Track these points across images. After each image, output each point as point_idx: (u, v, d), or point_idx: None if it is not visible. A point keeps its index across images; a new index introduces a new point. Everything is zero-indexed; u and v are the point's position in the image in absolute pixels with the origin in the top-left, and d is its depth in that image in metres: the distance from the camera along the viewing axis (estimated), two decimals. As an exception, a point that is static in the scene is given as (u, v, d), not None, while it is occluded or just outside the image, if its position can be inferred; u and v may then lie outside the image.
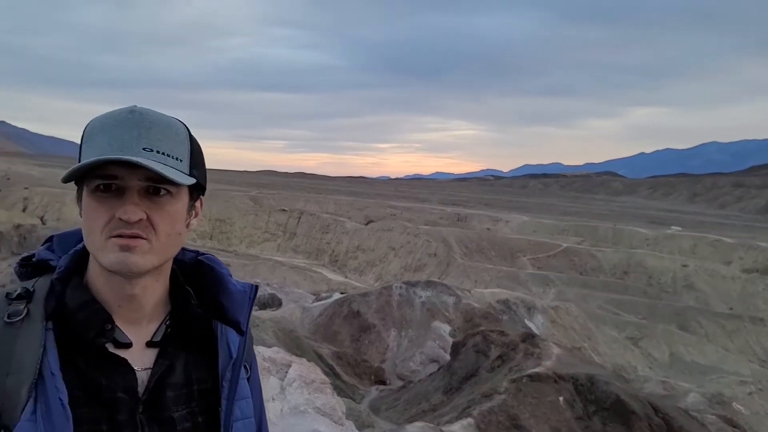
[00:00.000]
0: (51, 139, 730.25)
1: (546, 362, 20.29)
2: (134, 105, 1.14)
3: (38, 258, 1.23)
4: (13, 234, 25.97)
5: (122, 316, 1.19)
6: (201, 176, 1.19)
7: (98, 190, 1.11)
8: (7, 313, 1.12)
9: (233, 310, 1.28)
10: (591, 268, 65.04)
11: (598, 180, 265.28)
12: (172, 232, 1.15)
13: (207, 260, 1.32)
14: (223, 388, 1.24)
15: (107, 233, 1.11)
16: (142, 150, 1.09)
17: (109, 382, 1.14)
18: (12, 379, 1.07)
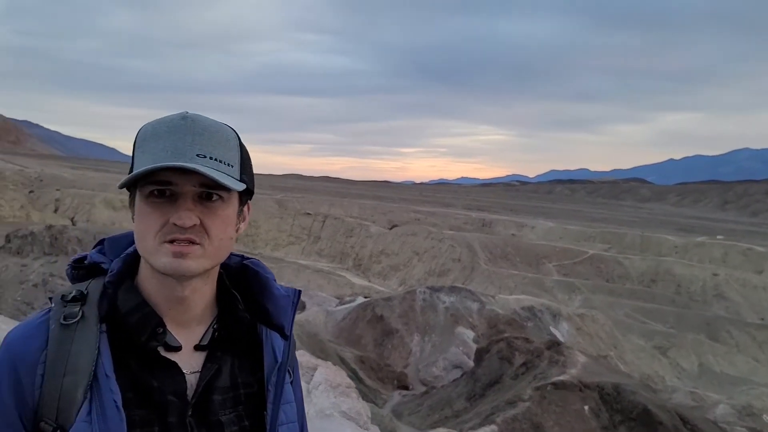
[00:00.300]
0: (82, 141, 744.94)
1: (571, 370, 20.06)
2: (185, 111, 1.16)
3: (90, 261, 1.26)
4: (45, 234, 26.48)
5: (172, 318, 1.21)
6: (250, 181, 1.21)
7: (152, 196, 1.13)
8: (63, 315, 1.15)
9: (278, 314, 1.30)
10: (618, 275, 64.17)
11: (626, 186, 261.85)
12: (223, 236, 1.17)
13: (252, 264, 1.33)
14: (268, 392, 1.26)
15: (161, 238, 1.13)
16: (195, 156, 1.11)
17: (160, 385, 1.16)
18: (68, 380, 1.10)
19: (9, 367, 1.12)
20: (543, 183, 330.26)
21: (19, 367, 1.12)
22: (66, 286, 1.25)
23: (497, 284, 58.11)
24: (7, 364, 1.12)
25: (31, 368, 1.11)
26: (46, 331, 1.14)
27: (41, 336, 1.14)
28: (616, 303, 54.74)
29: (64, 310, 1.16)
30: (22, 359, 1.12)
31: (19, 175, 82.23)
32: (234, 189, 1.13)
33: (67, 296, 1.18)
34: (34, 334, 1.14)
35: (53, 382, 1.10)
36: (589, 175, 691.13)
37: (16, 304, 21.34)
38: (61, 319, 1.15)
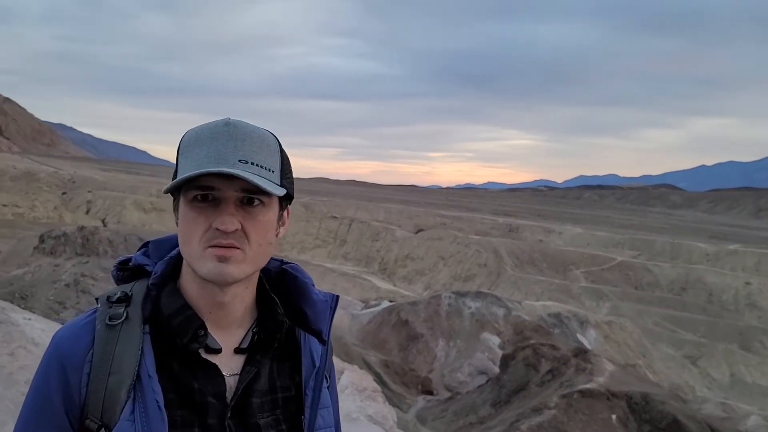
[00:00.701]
0: (114, 144, 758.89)
1: (598, 378, 19.80)
2: (228, 117, 1.18)
3: (135, 263, 1.28)
4: (77, 235, 27.01)
5: (213, 321, 1.22)
6: (290, 186, 1.22)
7: (196, 201, 1.15)
8: (108, 316, 1.18)
9: (316, 319, 1.31)
10: (647, 282, 63.16)
11: (656, 192, 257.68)
12: (263, 241, 1.19)
13: (291, 269, 1.34)
14: (306, 397, 1.27)
15: (205, 243, 1.15)
16: (237, 162, 1.12)
17: (200, 387, 1.18)
18: (113, 379, 1.13)
19: (57, 365, 1.15)
20: (571, 188, 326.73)
21: (66, 366, 1.15)
22: (97, 287, 1.27)
23: (523, 290, 57.63)
24: (55, 363, 1.16)
25: (78, 367, 1.14)
26: (92, 331, 1.17)
27: (87, 336, 1.17)
28: (645, 311, 53.88)
29: (110, 310, 1.19)
30: (70, 358, 1.15)
31: (53, 176, 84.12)
32: (274, 194, 1.15)
33: (112, 297, 1.21)
34: (81, 334, 1.17)
35: (99, 381, 1.13)
36: (618, 180, 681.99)
37: (49, 303, 21.78)
38: (106, 319, 1.18)
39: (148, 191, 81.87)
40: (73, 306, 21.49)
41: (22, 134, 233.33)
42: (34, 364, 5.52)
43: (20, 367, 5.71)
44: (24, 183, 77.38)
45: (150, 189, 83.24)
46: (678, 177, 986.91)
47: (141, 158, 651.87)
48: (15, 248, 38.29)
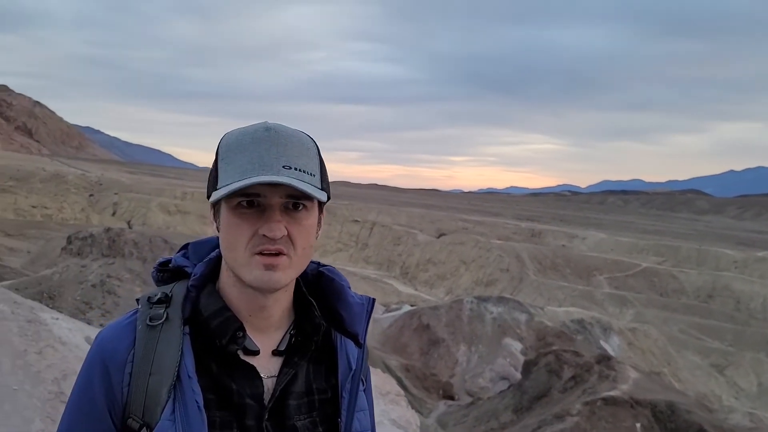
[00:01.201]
0: (140, 147, 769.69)
1: (622, 386, 19.55)
2: (266, 121, 1.18)
3: (175, 264, 1.29)
4: (103, 237, 27.41)
5: (251, 324, 1.23)
6: (328, 189, 1.23)
7: (240, 207, 1.15)
8: (149, 316, 1.19)
9: (352, 321, 1.31)
10: (672, 289, 62.24)
11: (682, 198, 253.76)
12: (307, 245, 1.20)
13: (328, 272, 1.34)
14: (343, 399, 1.27)
15: (251, 249, 1.15)
16: (282, 168, 1.13)
17: (238, 388, 1.18)
18: (154, 379, 1.14)
19: (100, 365, 1.17)
20: (595, 193, 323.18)
21: (109, 366, 1.17)
22: (123, 288, 1.29)
23: (546, 296, 57.16)
24: (98, 363, 1.18)
25: (121, 367, 1.16)
26: (134, 331, 1.19)
27: (129, 336, 1.18)
28: (671, 318, 53.09)
29: (150, 311, 1.20)
30: (112, 358, 1.17)
31: (81, 179, 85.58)
32: (320, 198, 1.16)
33: (152, 298, 1.22)
34: (123, 334, 1.19)
35: (140, 381, 1.14)
36: (644, 185, 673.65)
37: (76, 303, 22.12)
38: (147, 320, 1.19)
39: (173, 194, 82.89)
40: (99, 306, 21.81)
41: (52, 137, 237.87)
42: (61, 363, 5.64)
43: (48, 366, 5.81)
44: (53, 185, 78.87)
45: (175, 192, 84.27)
46: (705, 182, 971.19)
47: (166, 161, 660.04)
48: (44, 249, 39.05)
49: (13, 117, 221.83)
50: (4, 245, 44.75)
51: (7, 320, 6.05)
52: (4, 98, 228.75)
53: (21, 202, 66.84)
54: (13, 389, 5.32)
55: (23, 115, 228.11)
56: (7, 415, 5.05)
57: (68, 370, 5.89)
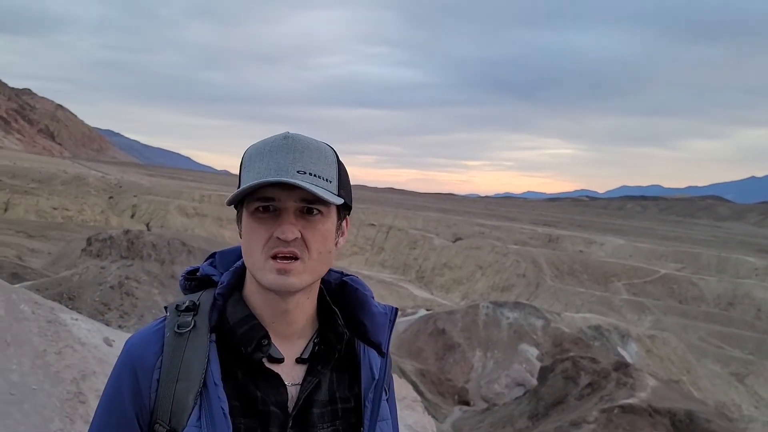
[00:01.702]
0: (159, 150, 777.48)
1: (640, 394, 19.33)
2: (287, 131, 1.22)
3: (202, 273, 1.33)
4: (122, 239, 27.65)
5: (275, 331, 1.26)
6: (347, 197, 1.26)
7: (257, 212, 1.19)
8: (177, 324, 1.23)
9: (375, 331, 1.33)
10: (692, 296, 61.46)
11: (702, 204, 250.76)
12: (323, 249, 1.22)
13: (351, 281, 1.37)
14: (365, 409, 1.29)
15: (266, 252, 1.18)
16: (296, 173, 1.16)
17: (263, 395, 1.21)
18: (181, 386, 1.17)
19: (129, 371, 1.21)
20: (613, 199, 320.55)
21: (137, 372, 1.20)
22: (140, 289, 1.32)
23: (563, 301, 56.74)
24: (127, 369, 1.21)
25: (149, 373, 1.19)
26: (162, 338, 1.22)
27: (157, 343, 1.22)
28: (690, 326, 52.43)
29: (178, 319, 1.24)
30: (141, 364, 1.20)
31: (101, 181, 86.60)
32: (332, 202, 1.19)
33: (180, 306, 1.26)
34: (152, 341, 1.23)
35: (167, 387, 1.18)
36: (663, 191, 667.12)
37: (95, 304, 22.37)
38: (175, 327, 1.22)
39: (191, 196, 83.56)
40: (117, 307, 22.04)
41: (73, 140, 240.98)
42: (80, 363, 5.69)
43: (66, 366, 5.88)
44: (74, 187, 79.89)
45: (193, 194, 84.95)
46: (726, 188, 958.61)
47: (185, 164, 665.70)
48: (64, 250, 39.56)
49: (36, 120, 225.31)
50: (26, 246, 45.41)
51: (27, 320, 6.13)
52: (27, 101, 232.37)
53: (43, 203, 67.79)
54: (33, 389, 5.39)
55: (46, 118, 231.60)
56: (27, 414, 5.11)
57: (87, 370, 5.95)
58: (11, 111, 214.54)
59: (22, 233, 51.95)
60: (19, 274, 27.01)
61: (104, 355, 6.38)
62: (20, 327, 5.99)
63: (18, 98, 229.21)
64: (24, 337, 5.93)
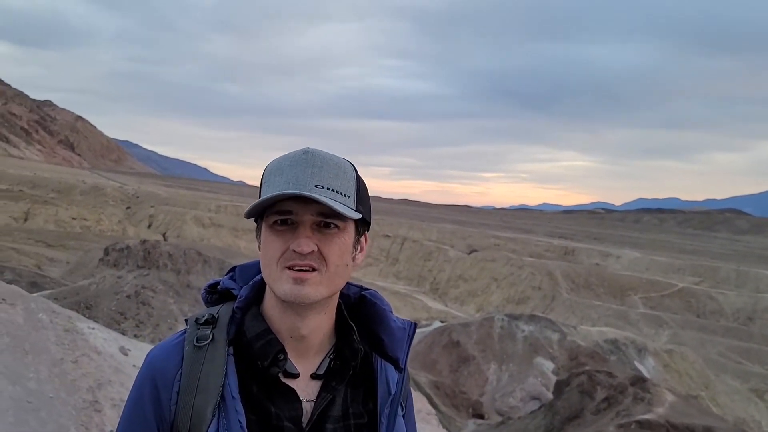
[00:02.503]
0: (176, 161, 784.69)
1: (658, 409, 19.06)
2: (307, 147, 1.25)
3: (222, 287, 1.35)
4: (139, 249, 27.89)
5: (292, 347, 1.27)
6: (366, 212, 1.28)
7: (275, 225, 1.22)
8: (196, 337, 1.25)
9: (393, 346, 1.34)
10: (710, 311, 60.63)
11: (720, 217, 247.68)
12: (340, 263, 1.23)
13: (370, 295, 1.38)
14: (381, 424, 1.29)
15: (282, 264, 1.21)
16: (314, 187, 1.19)
17: (277, 410, 1.22)
18: (200, 398, 1.19)
19: (150, 383, 1.24)
20: (630, 211, 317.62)
21: (158, 384, 1.23)
22: (156, 299, 1.34)
23: (579, 315, 56.22)
24: (149, 381, 1.24)
25: (169, 385, 1.22)
26: (182, 351, 1.25)
27: (177, 356, 1.24)
28: (708, 340, 51.68)
29: (197, 332, 1.26)
30: (162, 377, 1.23)
31: (119, 191, 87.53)
32: (348, 216, 1.21)
33: (200, 319, 1.28)
34: (172, 353, 1.25)
35: (187, 400, 1.20)
36: (680, 204, 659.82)
37: (111, 313, 22.54)
38: (194, 340, 1.25)
39: (207, 207, 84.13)
40: (133, 317, 22.19)
41: (92, 150, 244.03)
42: (96, 372, 5.74)
43: (83, 375, 5.93)
44: (92, 197, 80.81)
45: (209, 205, 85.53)
46: (745, 201, 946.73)
47: (201, 175, 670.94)
48: (82, 260, 39.96)
49: (56, 131, 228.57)
50: (45, 255, 45.96)
51: (45, 329, 6.20)
52: (48, 113, 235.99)
53: (62, 213, 68.62)
54: (50, 397, 5.44)
55: (66, 129, 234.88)
56: (43, 422, 5.15)
57: (103, 379, 5.99)
58: (33, 122, 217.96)
59: (42, 243, 52.61)
60: (38, 283, 27.32)
61: (120, 364, 6.42)
62: (38, 336, 6.06)
63: (39, 110, 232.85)
64: (42, 346, 5.99)
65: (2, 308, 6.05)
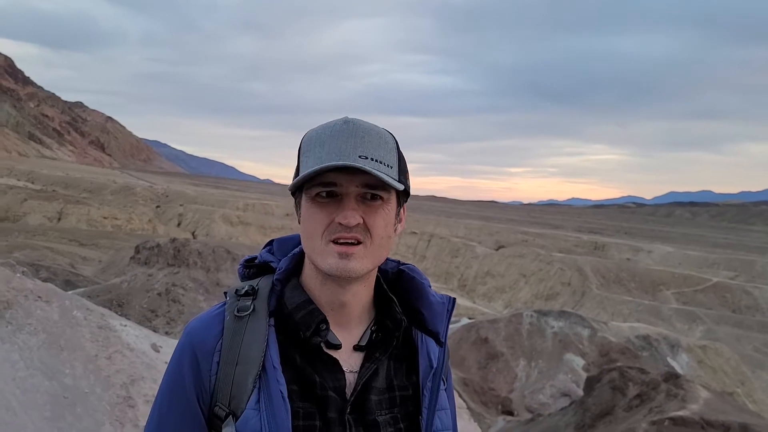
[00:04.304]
0: (204, 160, 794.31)
1: (692, 406, 18.70)
2: (347, 116, 1.22)
3: (261, 260, 1.34)
4: (169, 247, 28.27)
5: (332, 318, 1.26)
6: (407, 183, 1.25)
7: (319, 197, 1.19)
8: (236, 308, 1.23)
9: (433, 320, 1.32)
10: (746, 306, 59.32)
11: (756, 210, 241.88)
12: (384, 234, 1.22)
13: (408, 270, 1.36)
14: (424, 397, 1.28)
15: (327, 237, 1.18)
16: (358, 157, 1.16)
17: (321, 380, 1.21)
18: (240, 369, 1.18)
19: (190, 353, 1.22)
20: (661, 205, 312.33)
21: (198, 354, 1.21)
22: (186, 296, 1.33)
23: (610, 310, 55.49)
24: (188, 351, 1.22)
25: (209, 356, 1.20)
26: (222, 321, 1.23)
27: (218, 326, 1.23)
28: (744, 336, 50.60)
29: (238, 303, 1.24)
30: (201, 347, 1.21)
31: (149, 191, 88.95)
32: (395, 187, 1.18)
33: (240, 291, 1.27)
34: (212, 324, 1.23)
35: (227, 370, 1.18)
36: (714, 197, 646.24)
37: (142, 311, 22.93)
38: (235, 311, 1.23)
39: (235, 205, 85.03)
40: (164, 314, 22.55)
41: (122, 151, 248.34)
42: (129, 368, 5.82)
43: (117, 371, 6.02)
44: (122, 197, 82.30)
45: (237, 203, 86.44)
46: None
47: (229, 173, 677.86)
48: (113, 258, 40.70)
49: (87, 132, 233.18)
50: (78, 254, 46.94)
51: (80, 326, 6.31)
52: (79, 114, 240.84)
53: (93, 213, 69.98)
54: (85, 392, 5.54)
55: (96, 130, 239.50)
56: (79, 417, 5.25)
57: (136, 375, 6.09)
58: (64, 124, 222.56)
59: (75, 242, 53.75)
60: (72, 282, 27.92)
61: (152, 361, 6.51)
62: (73, 332, 6.17)
63: (71, 111, 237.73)
64: (77, 342, 6.10)
65: (38, 306, 6.18)
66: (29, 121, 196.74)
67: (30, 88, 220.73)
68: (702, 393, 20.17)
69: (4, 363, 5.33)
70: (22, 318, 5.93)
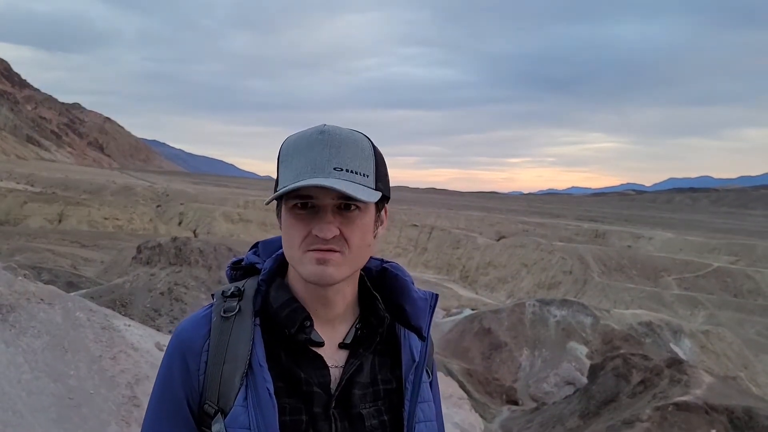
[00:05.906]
0: (203, 158, 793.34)
1: (695, 391, 18.77)
2: (324, 124, 1.24)
3: (247, 261, 1.38)
4: (170, 246, 28.24)
5: (317, 316, 1.29)
6: (385, 188, 1.28)
7: (296, 208, 1.22)
8: (223, 309, 1.28)
9: (416, 316, 1.35)
10: (747, 290, 59.35)
11: (756, 194, 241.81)
12: (362, 244, 1.24)
13: (392, 268, 1.40)
14: (406, 390, 1.32)
15: (305, 247, 1.22)
16: (333, 170, 1.18)
17: (306, 377, 1.25)
18: (227, 367, 1.22)
19: (179, 354, 1.26)
20: (661, 192, 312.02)
21: (187, 355, 1.25)
22: (189, 295, 1.36)
23: (612, 298, 55.57)
24: (178, 352, 1.27)
25: (197, 356, 1.25)
26: (209, 322, 1.27)
27: (205, 327, 1.27)
28: (746, 320, 50.68)
29: (224, 304, 1.29)
30: (190, 348, 1.26)
31: (149, 190, 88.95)
32: (369, 201, 1.20)
33: (226, 292, 1.31)
34: (200, 325, 1.28)
35: (215, 369, 1.23)
36: (713, 182, 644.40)
37: (145, 310, 22.94)
38: (221, 312, 1.27)
39: (235, 203, 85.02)
40: (167, 313, 22.57)
41: (121, 151, 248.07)
42: (134, 368, 5.85)
43: (121, 371, 6.05)
44: (123, 197, 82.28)
45: (237, 201, 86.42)
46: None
47: (229, 171, 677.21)
48: (116, 258, 40.74)
49: (85, 133, 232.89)
50: (80, 256, 46.96)
51: (83, 327, 6.34)
52: (77, 116, 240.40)
53: (94, 214, 69.97)
54: (90, 393, 5.57)
55: (95, 131, 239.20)
56: (85, 418, 5.28)
57: (140, 375, 6.11)
58: (62, 125, 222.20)
59: (76, 243, 53.76)
60: (74, 283, 27.93)
61: (156, 360, 6.54)
62: (77, 334, 6.19)
63: (69, 113, 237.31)
64: (80, 344, 6.12)
65: (41, 308, 6.21)
66: (27, 123, 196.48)
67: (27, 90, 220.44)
68: (705, 378, 20.24)
69: (8, 366, 5.36)
70: (26, 321, 5.95)
